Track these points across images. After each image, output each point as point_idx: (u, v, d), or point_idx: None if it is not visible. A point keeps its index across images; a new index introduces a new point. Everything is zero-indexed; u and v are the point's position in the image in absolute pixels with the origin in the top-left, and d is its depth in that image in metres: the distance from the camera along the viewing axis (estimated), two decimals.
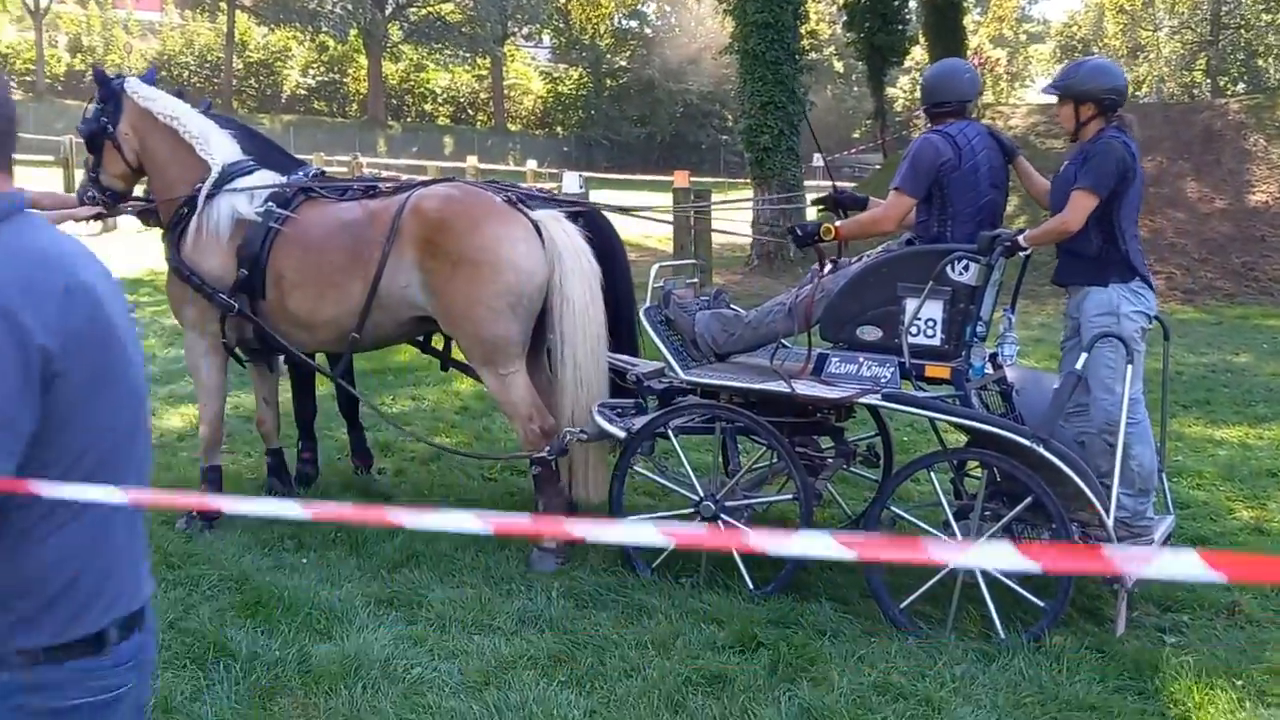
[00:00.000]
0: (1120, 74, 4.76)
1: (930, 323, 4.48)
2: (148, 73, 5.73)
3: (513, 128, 55.63)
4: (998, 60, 55.57)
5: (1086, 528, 4.36)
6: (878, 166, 26.49)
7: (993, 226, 4.65)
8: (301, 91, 53.33)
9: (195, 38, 52.19)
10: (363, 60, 51.68)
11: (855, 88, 56.38)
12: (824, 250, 4.95)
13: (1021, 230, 4.58)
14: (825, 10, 46.92)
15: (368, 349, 5.59)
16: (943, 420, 4.49)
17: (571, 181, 16.84)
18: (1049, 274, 5.18)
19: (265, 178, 5.39)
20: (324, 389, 6.47)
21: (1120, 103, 4.64)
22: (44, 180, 20.37)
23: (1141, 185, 4.69)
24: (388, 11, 50.30)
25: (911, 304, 4.44)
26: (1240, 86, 47.62)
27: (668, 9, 60.86)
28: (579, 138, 53.68)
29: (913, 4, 25.92)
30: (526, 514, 4.93)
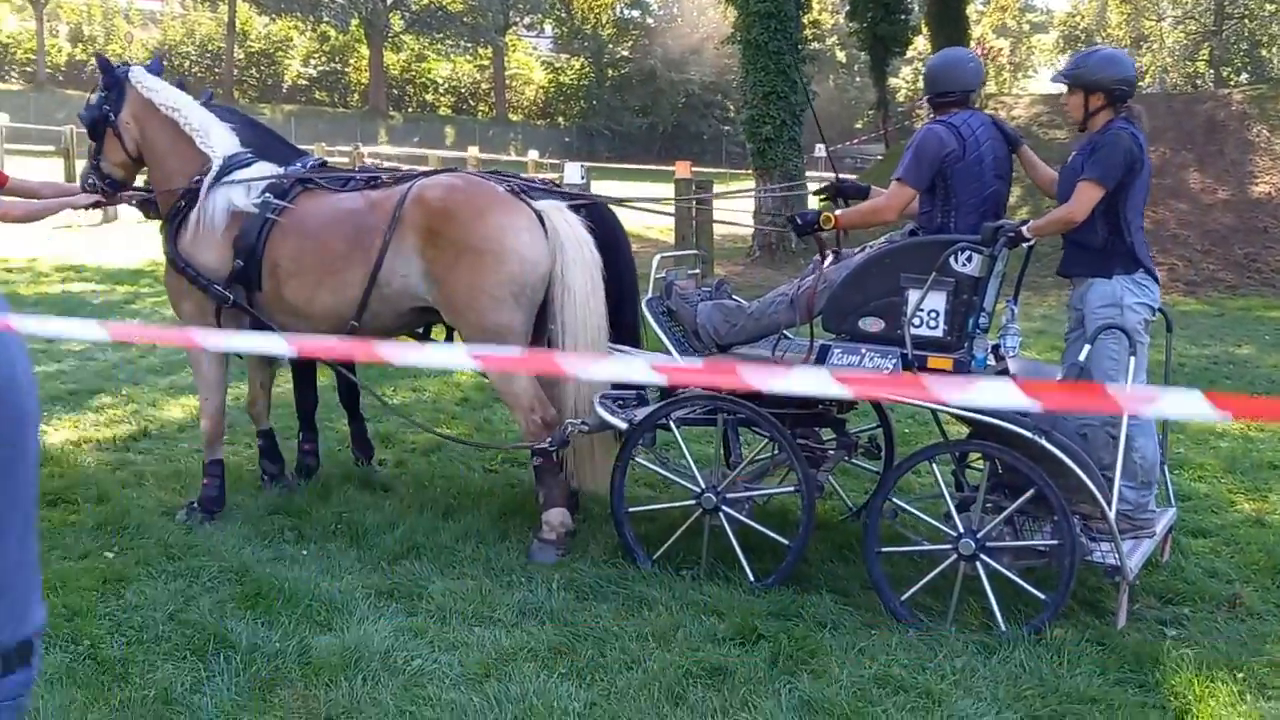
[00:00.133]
0: (1131, 65, 4.73)
1: (933, 314, 4.46)
2: (153, 62, 5.70)
3: (514, 118, 55.57)
4: (1000, 50, 55.41)
5: (1088, 520, 4.35)
6: (880, 157, 26.43)
7: (996, 217, 4.64)
8: (303, 81, 53.30)
9: (196, 27, 52.16)
10: (364, 50, 51.63)
11: (857, 78, 56.27)
12: (824, 240, 4.93)
13: (1025, 221, 4.55)
14: (827, 0, 46.83)
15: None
16: (945, 412, 4.48)
17: (573, 172, 16.77)
18: (1051, 266, 5.15)
19: (263, 170, 5.37)
20: (325, 380, 6.47)
21: (1130, 94, 4.62)
22: (45, 170, 20.37)
23: (1149, 177, 4.67)
24: (389, 1, 50.22)
25: (914, 295, 4.43)
26: (1244, 77, 47.51)
27: None
28: (580, 128, 53.60)
29: None
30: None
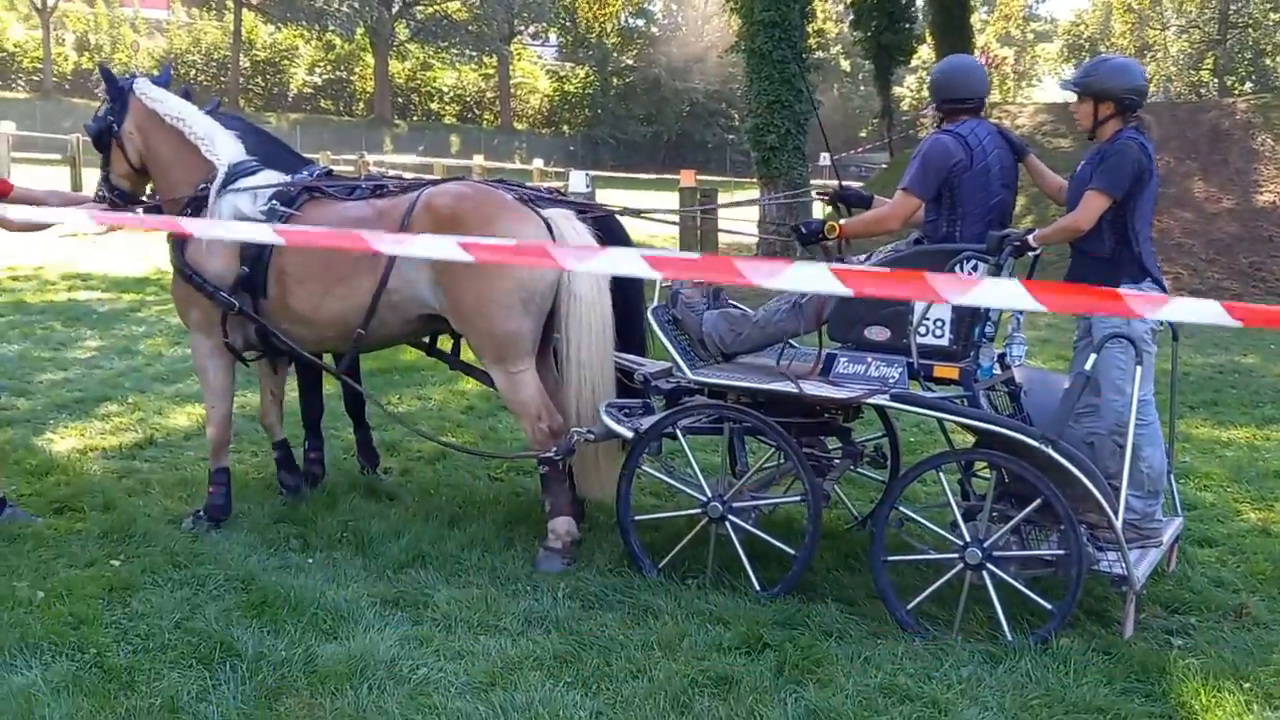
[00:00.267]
0: (1141, 74, 4.71)
1: (939, 323, 4.47)
2: (163, 73, 5.70)
3: (519, 126, 55.72)
4: (1005, 59, 55.48)
5: (1095, 529, 4.34)
6: (884, 166, 26.46)
7: (1001, 226, 4.64)
8: (308, 90, 53.48)
9: (202, 36, 52.39)
10: (369, 59, 51.82)
11: (862, 87, 56.38)
12: (829, 249, 4.94)
13: (1031, 230, 4.55)
14: (832, 9, 46.93)
15: (373, 348, 5.60)
16: (951, 421, 4.47)
17: (578, 180, 16.79)
18: (1057, 274, 5.14)
19: (269, 178, 5.38)
20: (331, 388, 6.47)
21: (1140, 103, 4.61)
22: (52, 179, 20.45)
23: (1157, 187, 4.67)
24: (394, 10, 50.43)
25: (920, 304, 4.43)
26: (1248, 86, 47.56)
27: (674, 7, 60.89)
28: (585, 136, 53.75)
29: (920, 2, 25.90)
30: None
